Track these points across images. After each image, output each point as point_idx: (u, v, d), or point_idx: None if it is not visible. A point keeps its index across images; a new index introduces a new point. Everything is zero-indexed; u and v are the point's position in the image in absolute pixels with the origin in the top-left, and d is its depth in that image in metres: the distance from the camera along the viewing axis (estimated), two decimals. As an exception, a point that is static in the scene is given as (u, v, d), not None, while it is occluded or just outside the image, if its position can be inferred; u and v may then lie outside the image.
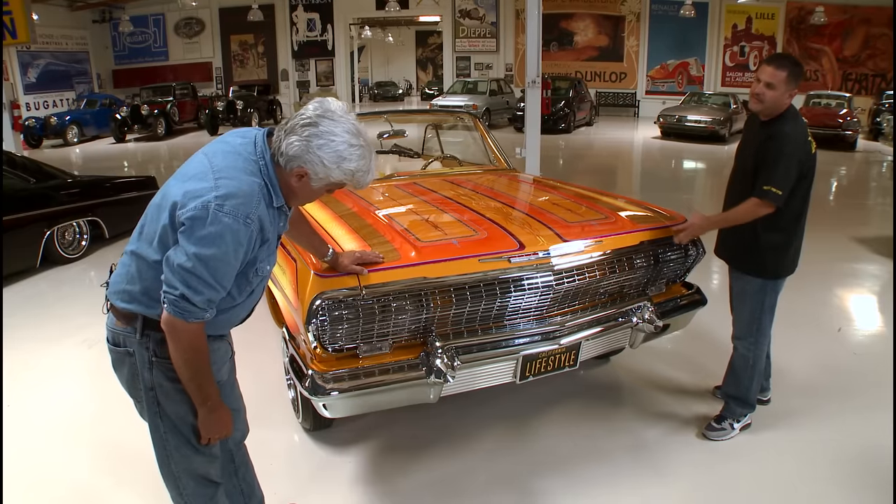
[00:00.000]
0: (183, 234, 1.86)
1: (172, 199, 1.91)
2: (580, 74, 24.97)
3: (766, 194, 3.12)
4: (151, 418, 2.16)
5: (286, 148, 1.92)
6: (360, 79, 35.39)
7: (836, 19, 23.21)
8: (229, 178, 1.90)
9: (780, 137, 3.15)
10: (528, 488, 3.23)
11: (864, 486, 3.21)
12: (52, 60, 23.86)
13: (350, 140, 1.93)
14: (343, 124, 1.93)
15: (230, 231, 1.86)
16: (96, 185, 7.66)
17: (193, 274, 1.85)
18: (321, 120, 1.92)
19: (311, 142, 1.90)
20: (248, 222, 1.89)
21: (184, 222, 1.85)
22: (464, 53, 26.76)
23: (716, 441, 3.54)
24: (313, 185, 1.98)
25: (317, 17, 26.64)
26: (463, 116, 5.96)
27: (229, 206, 1.85)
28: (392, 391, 2.84)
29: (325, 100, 2.00)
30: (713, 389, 3.98)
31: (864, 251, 7.34)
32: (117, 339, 2.12)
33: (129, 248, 2.07)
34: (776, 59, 3.21)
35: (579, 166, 15.08)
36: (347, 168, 1.95)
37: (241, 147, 2.01)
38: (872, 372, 4.42)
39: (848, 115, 17.12)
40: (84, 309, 5.62)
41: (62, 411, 3.95)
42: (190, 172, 1.96)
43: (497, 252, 2.94)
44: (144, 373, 2.08)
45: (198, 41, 27.76)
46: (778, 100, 3.18)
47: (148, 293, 2.00)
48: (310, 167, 1.93)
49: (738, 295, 3.51)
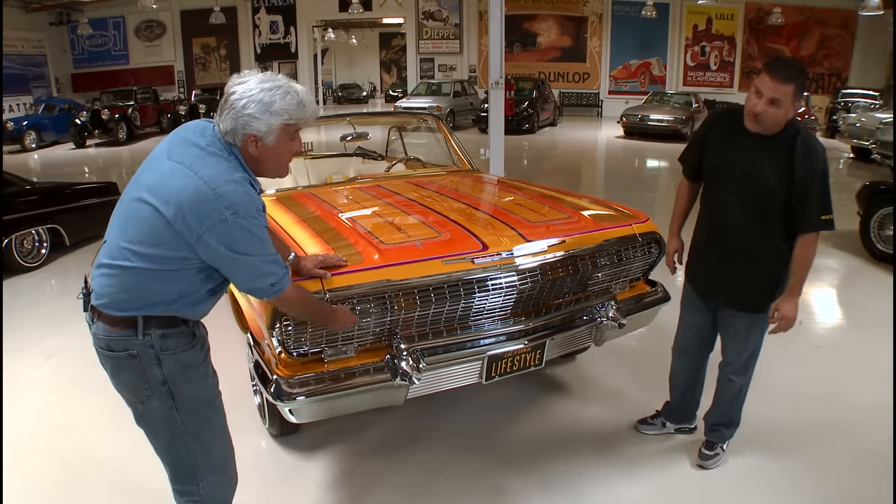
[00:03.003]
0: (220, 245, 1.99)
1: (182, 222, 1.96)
2: (543, 75, 25.11)
3: (826, 224, 2.76)
4: (166, 415, 2.19)
5: (224, 125, 2.05)
6: (323, 81, 35.20)
7: (793, 20, 23.72)
8: (225, 183, 1.98)
9: (812, 155, 2.74)
10: (499, 488, 3.24)
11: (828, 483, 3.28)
12: (7, 64, 23.23)
13: (265, 86, 2.03)
14: (253, 79, 2.05)
15: (257, 226, 2.03)
16: (56, 192, 7.51)
17: (255, 267, 2.07)
18: (236, 87, 2.04)
19: (236, 106, 2.01)
20: (259, 213, 2.05)
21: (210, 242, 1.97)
22: (427, 55, 26.79)
23: (711, 469, 3.34)
24: (268, 142, 2.08)
25: (280, 19, 26.50)
26: (426, 118, 5.96)
27: (242, 210, 1.98)
28: (358, 395, 2.83)
29: (236, 73, 2.12)
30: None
31: (822, 245, 7.38)
32: (116, 344, 2.12)
33: (109, 260, 2.07)
34: (781, 69, 2.66)
35: (543, 166, 15.18)
36: (278, 108, 2.03)
37: (210, 147, 2.06)
38: (833, 362, 4.56)
39: (806, 114, 17.45)
40: (43, 319, 5.52)
41: (22, 424, 3.87)
42: (179, 189, 1.97)
43: (460, 253, 2.95)
44: (153, 370, 2.12)
45: (159, 44, 27.42)
46: (782, 119, 2.71)
47: (144, 296, 2.07)
48: (250, 129, 2.03)
49: (738, 334, 3.11)
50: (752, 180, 2.83)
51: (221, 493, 2.38)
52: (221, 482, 2.36)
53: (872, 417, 3.77)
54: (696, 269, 3.24)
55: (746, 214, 2.89)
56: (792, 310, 2.87)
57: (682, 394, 3.55)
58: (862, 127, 14.15)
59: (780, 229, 2.86)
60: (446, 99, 20.97)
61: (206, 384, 2.26)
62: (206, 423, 2.26)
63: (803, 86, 2.69)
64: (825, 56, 24.24)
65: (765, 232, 2.88)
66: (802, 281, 2.86)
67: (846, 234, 7.37)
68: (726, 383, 3.27)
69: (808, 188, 2.73)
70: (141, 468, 3.35)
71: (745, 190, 2.86)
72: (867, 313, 5.58)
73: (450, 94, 21.49)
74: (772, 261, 2.93)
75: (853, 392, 4.10)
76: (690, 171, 3.26)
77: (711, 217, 3.08)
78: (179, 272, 2.06)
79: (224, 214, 1.95)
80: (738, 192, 2.89)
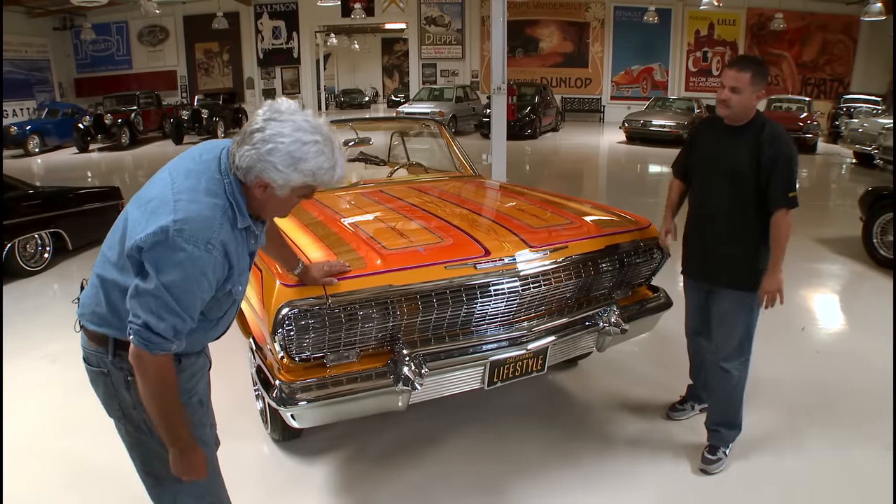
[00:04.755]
0: (144, 259, 1.76)
1: (133, 221, 1.82)
2: (546, 80, 25.10)
3: (792, 201, 3.04)
4: (136, 436, 2.07)
5: (240, 160, 1.80)
6: (326, 86, 35.25)
7: (794, 25, 23.72)
8: (189, 200, 1.79)
9: (777, 139, 3.06)
10: (501, 494, 3.24)
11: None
12: (11, 69, 23.32)
13: (301, 138, 1.78)
14: (291, 123, 1.78)
15: (190, 259, 1.75)
16: (59, 197, 7.52)
17: (156, 298, 1.76)
18: (268, 123, 1.78)
19: (261, 148, 1.77)
20: (209, 248, 1.78)
21: (143, 247, 1.75)
22: (430, 60, 26.81)
23: (714, 474, 3.33)
24: (278, 193, 1.84)
25: (282, 24, 26.52)
26: (429, 123, 5.97)
27: (188, 231, 1.74)
28: (360, 400, 2.84)
29: (276, 101, 1.86)
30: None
31: (825, 251, 7.49)
32: (91, 358, 2.04)
33: (95, 269, 2.00)
34: (738, 62, 3.10)
35: (546, 172, 15.19)
36: (306, 168, 1.79)
37: (206, 164, 1.89)
38: (835, 368, 4.54)
39: (808, 119, 17.49)
40: (46, 323, 5.53)
41: (25, 426, 3.87)
42: (152, 193, 1.86)
43: (463, 259, 2.95)
44: (122, 392, 2.01)
45: (162, 49, 27.46)
46: (745, 103, 3.07)
47: (117, 315, 1.92)
48: (266, 175, 1.79)
49: (728, 315, 3.28)
50: (728, 166, 3.17)
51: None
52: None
53: (875, 422, 3.76)
54: (687, 254, 3.49)
55: (725, 199, 3.21)
56: (773, 283, 3.14)
57: (698, 370, 3.76)
58: (864, 132, 14.16)
59: (754, 210, 3.15)
60: (448, 104, 20.97)
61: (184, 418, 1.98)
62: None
63: (760, 74, 3.06)
64: (827, 61, 24.26)
65: (742, 214, 3.18)
66: (780, 256, 3.13)
67: (849, 240, 7.37)
68: (721, 375, 3.35)
69: (774, 167, 3.04)
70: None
71: (723, 176, 3.20)
72: (869, 319, 5.57)
73: (452, 100, 21.49)
74: (750, 239, 3.19)
75: (855, 397, 4.09)
76: (679, 172, 3.57)
77: (697, 206, 3.40)
78: None
79: (168, 223, 1.73)
80: (717, 178, 3.23)
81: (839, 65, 24.18)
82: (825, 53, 24.22)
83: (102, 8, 21.49)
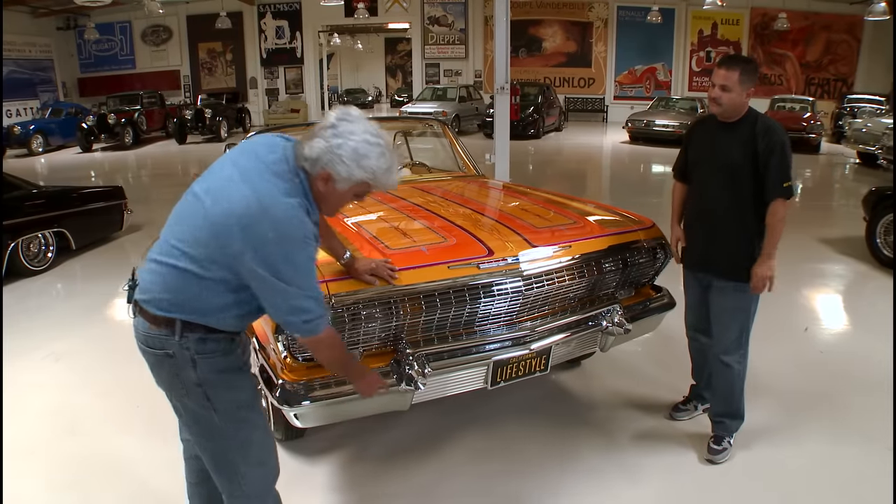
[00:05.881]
0: (254, 263, 1.95)
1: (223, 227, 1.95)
2: (549, 80, 25.08)
3: (787, 191, 3.13)
4: (203, 414, 2.19)
5: (309, 151, 2.02)
6: (329, 86, 35.21)
7: (798, 25, 23.66)
8: (276, 204, 1.95)
9: (770, 131, 3.12)
10: (503, 494, 3.24)
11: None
12: (15, 68, 23.36)
13: (368, 138, 2.02)
14: (361, 124, 2.04)
15: (300, 255, 1.99)
16: (62, 196, 7.55)
17: (293, 298, 2.00)
18: (340, 122, 2.03)
19: (332, 141, 2.00)
20: (307, 242, 2.00)
21: (247, 254, 1.94)
22: (433, 60, 26.78)
23: (720, 463, 3.40)
24: (338, 186, 2.06)
25: (285, 24, 26.51)
26: (432, 123, 5.97)
27: (289, 234, 1.95)
28: (363, 400, 2.83)
29: (346, 107, 2.12)
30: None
31: (829, 251, 7.48)
32: (153, 342, 2.13)
33: (162, 258, 2.08)
34: (727, 61, 3.16)
35: (549, 172, 15.18)
36: (367, 165, 2.02)
37: (276, 165, 2.05)
38: (838, 369, 4.53)
39: (812, 119, 17.45)
40: (50, 322, 5.55)
41: (28, 425, 3.88)
42: (233, 198, 1.97)
43: (466, 258, 2.95)
44: (188, 372, 2.12)
45: (165, 49, 27.47)
46: (736, 101, 3.13)
47: (190, 303, 2.07)
48: (332, 167, 2.01)
49: (727, 309, 3.35)
50: (724, 161, 3.24)
51: (263, 482, 2.38)
52: (263, 473, 2.36)
53: (876, 422, 3.76)
54: (686, 248, 3.55)
55: (722, 193, 3.27)
56: (765, 269, 3.18)
57: (701, 368, 3.76)
58: (868, 132, 14.14)
59: (752, 202, 3.20)
60: (452, 104, 20.98)
61: (245, 388, 2.25)
62: (243, 423, 2.24)
63: (749, 72, 3.11)
64: (831, 61, 24.22)
65: (740, 207, 3.23)
66: (774, 245, 3.18)
67: (852, 240, 7.36)
68: (722, 369, 3.41)
69: (769, 159, 3.10)
70: (147, 472, 3.37)
71: (719, 171, 3.26)
72: (872, 319, 5.55)
73: (455, 100, 21.50)
74: (748, 231, 3.25)
75: (857, 397, 4.09)
76: (679, 174, 3.61)
77: (695, 201, 3.46)
78: (218, 286, 2.05)
79: (268, 234, 1.93)
80: (714, 174, 3.29)
81: (843, 64, 24.14)
82: (829, 53, 24.18)
83: (106, 8, 21.54)
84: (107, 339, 5.23)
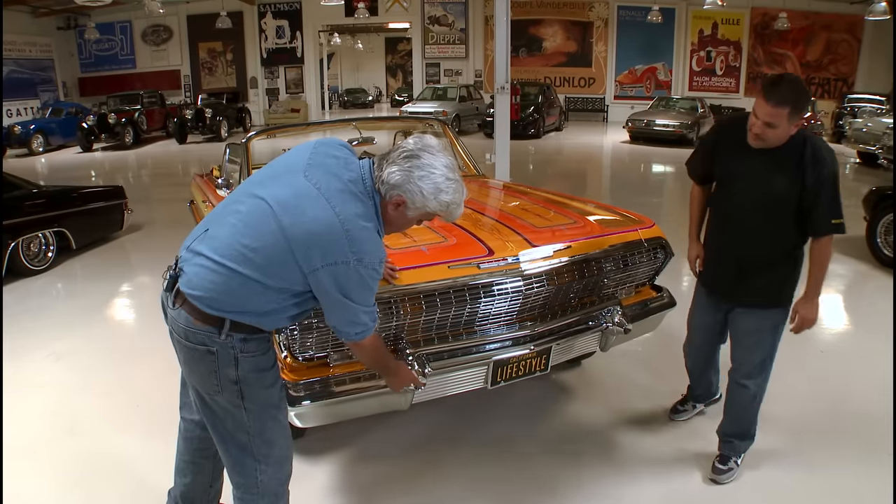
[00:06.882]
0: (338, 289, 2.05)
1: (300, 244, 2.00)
2: (549, 80, 25.07)
3: (837, 228, 2.84)
4: (233, 410, 2.22)
5: (387, 177, 2.08)
6: (329, 86, 35.28)
7: (798, 25, 23.67)
8: (355, 227, 2.02)
9: (820, 162, 2.79)
10: (504, 494, 3.24)
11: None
12: (15, 68, 23.34)
13: (447, 174, 2.10)
14: (442, 159, 2.11)
15: (369, 276, 2.07)
16: (63, 196, 7.54)
17: (354, 314, 2.12)
18: (422, 153, 2.09)
19: (413, 172, 2.06)
20: (380, 266, 2.10)
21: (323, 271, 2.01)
22: (433, 60, 26.77)
23: (725, 483, 3.25)
24: (409, 213, 2.14)
25: (286, 24, 26.49)
26: (432, 123, 5.97)
27: (366, 257, 2.03)
28: (363, 399, 2.84)
29: (424, 136, 2.18)
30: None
31: (828, 252, 7.45)
32: (195, 337, 2.14)
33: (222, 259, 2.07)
34: (774, 94, 2.66)
35: (549, 171, 15.18)
36: (443, 200, 2.10)
37: (353, 185, 2.10)
38: (837, 368, 4.55)
39: (812, 118, 17.44)
40: (51, 322, 5.55)
41: (28, 425, 3.88)
42: (314, 217, 2.01)
43: (466, 258, 2.95)
44: (228, 370, 2.15)
45: (165, 49, 27.44)
46: (782, 136, 2.76)
47: (246, 306, 2.11)
48: (409, 196, 2.08)
49: (751, 333, 3.13)
50: (766, 190, 2.91)
51: (279, 481, 2.41)
52: (280, 472, 2.39)
53: (879, 424, 3.75)
54: (711, 272, 3.31)
55: (760, 222, 2.97)
56: (812, 311, 2.98)
57: (699, 379, 3.70)
58: (868, 132, 14.12)
59: (791, 231, 2.96)
60: (452, 104, 20.95)
61: (276, 386, 2.30)
62: (271, 421, 2.30)
63: (800, 105, 2.70)
64: (831, 61, 24.22)
65: (778, 236, 2.98)
66: (819, 282, 2.96)
67: (853, 240, 7.35)
68: (739, 390, 3.23)
69: (818, 194, 2.81)
70: (147, 471, 3.37)
71: (759, 200, 2.94)
72: (873, 319, 5.55)
73: (455, 99, 21.48)
74: (785, 260, 3.03)
75: (859, 399, 4.09)
76: (700, 179, 3.38)
77: (726, 224, 3.16)
78: (280, 292, 2.10)
79: (348, 257, 2.00)
80: (752, 201, 2.96)
81: (843, 64, 24.15)
82: (829, 53, 24.18)
83: (106, 7, 21.52)
84: (107, 339, 5.23)
